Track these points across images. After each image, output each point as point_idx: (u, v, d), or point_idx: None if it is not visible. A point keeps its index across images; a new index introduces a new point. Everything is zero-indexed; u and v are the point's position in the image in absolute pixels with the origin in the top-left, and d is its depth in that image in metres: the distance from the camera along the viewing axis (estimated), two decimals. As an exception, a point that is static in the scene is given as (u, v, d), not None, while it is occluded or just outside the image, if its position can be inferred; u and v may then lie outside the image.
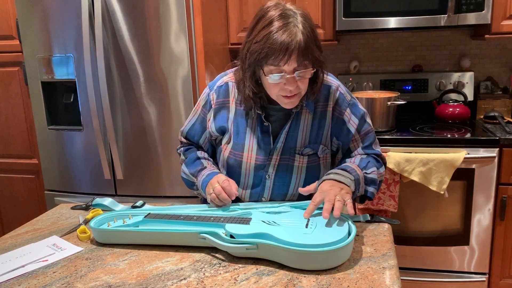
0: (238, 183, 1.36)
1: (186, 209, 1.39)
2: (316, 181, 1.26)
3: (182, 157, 1.48)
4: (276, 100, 1.26)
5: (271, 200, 1.38)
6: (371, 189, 1.31)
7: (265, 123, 1.31)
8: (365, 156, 1.35)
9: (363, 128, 1.36)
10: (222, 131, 1.39)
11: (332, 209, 1.13)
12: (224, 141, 1.38)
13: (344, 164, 1.31)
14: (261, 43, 1.14)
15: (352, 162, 1.32)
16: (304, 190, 1.26)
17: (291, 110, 1.30)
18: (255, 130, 1.33)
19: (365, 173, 1.29)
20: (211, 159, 1.46)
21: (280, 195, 1.37)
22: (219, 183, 1.29)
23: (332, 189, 1.17)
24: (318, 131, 1.32)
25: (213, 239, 1.14)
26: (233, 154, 1.36)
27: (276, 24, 1.14)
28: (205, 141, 1.46)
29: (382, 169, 1.36)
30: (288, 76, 1.17)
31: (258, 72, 1.23)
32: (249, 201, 1.38)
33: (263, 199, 1.37)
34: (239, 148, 1.34)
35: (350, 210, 1.14)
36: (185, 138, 1.50)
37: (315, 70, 1.21)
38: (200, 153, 1.45)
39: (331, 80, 1.35)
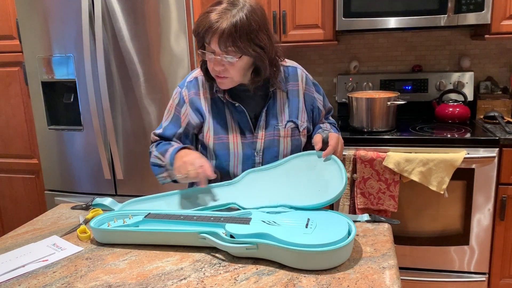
0: (228, 165, 1.41)
1: (182, 200, 1.39)
2: (318, 135, 1.38)
3: (153, 149, 1.48)
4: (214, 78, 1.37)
5: None
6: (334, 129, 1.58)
7: (236, 105, 1.40)
8: (329, 124, 1.59)
9: (325, 103, 1.58)
10: (202, 116, 1.44)
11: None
12: (205, 129, 1.43)
13: (324, 129, 1.51)
14: (200, 17, 1.28)
15: (328, 128, 1.53)
16: (318, 146, 1.36)
17: (268, 90, 1.41)
18: (232, 112, 1.41)
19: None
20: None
21: None
22: (194, 165, 1.28)
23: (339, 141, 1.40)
24: (293, 107, 1.45)
25: (213, 239, 1.14)
26: (217, 138, 1.41)
27: (219, 7, 1.26)
28: (180, 137, 1.47)
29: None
30: (214, 56, 1.29)
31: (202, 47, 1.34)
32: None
33: None
34: (223, 131, 1.41)
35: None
36: (158, 136, 1.51)
37: (238, 58, 1.29)
38: (172, 142, 1.47)
39: (293, 62, 1.51)
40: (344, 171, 1.29)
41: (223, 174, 1.45)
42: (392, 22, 2.35)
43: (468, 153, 2.14)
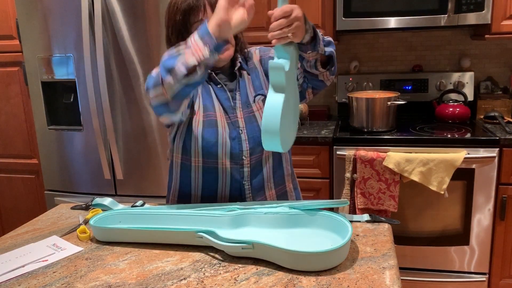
0: (216, 144, 1.41)
1: (184, 208, 1.39)
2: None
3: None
4: None
5: (251, 156, 1.41)
6: (329, 49, 1.35)
7: (218, 85, 1.45)
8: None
9: None
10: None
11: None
12: (195, 108, 1.44)
13: None
14: (176, 6, 1.31)
15: None
16: (271, 12, 1.22)
17: (234, 70, 1.46)
18: (216, 91, 1.46)
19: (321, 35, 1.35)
20: None
21: (257, 150, 1.43)
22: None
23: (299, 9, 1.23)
24: (256, 80, 1.49)
25: (210, 238, 1.14)
26: (206, 115, 1.43)
27: None
28: None
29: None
30: None
31: (187, 36, 1.21)
32: (230, 160, 1.41)
33: (243, 158, 1.41)
34: (211, 108, 1.43)
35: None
36: None
37: None
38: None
39: (251, 46, 1.54)
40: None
41: (210, 156, 1.41)
42: (392, 22, 2.35)
43: (468, 153, 2.14)
